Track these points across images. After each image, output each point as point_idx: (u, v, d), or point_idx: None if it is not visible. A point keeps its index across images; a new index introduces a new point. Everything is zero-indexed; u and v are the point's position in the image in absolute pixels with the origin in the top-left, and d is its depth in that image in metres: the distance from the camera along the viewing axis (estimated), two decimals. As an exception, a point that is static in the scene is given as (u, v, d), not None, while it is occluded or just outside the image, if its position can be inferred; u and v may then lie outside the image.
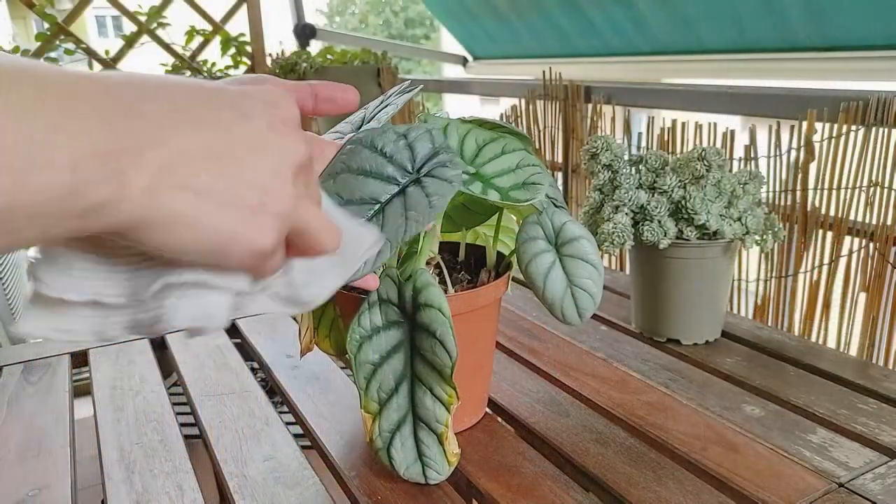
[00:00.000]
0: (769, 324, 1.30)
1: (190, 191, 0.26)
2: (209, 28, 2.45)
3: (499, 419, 0.68)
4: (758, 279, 1.30)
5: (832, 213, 1.17)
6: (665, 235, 0.74)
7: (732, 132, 1.28)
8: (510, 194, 0.54)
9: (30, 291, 0.31)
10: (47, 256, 0.30)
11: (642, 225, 0.75)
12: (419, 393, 0.54)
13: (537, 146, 1.85)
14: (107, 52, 2.34)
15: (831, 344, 1.17)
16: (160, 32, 2.38)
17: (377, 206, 0.47)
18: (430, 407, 0.54)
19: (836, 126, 1.12)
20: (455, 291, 0.60)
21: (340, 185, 0.47)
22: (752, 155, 1.25)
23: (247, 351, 0.88)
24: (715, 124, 1.31)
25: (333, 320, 0.67)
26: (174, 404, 0.74)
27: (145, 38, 2.36)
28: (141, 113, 0.25)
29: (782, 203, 1.23)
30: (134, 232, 0.26)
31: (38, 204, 0.22)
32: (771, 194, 1.24)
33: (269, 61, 2.60)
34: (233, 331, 0.93)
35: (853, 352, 1.17)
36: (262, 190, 0.28)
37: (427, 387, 0.54)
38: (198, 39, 2.44)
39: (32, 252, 0.30)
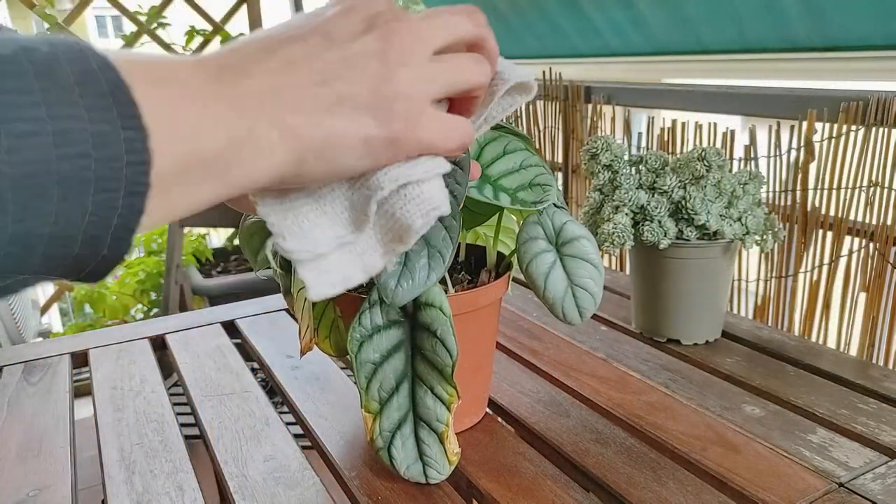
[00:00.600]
0: (769, 324, 1.30)
1: (315, 115, 0.30)
2: (209, 28, 2.45)
3: (499, 419, 0.68)
4: (758, 279, 1.30)
5: (832, 213, 1.17)
6: (665, 235, 0.74)
7: (732, 132, 1.28)
8: (518, 195, 0.54)
9: (298, 268, 0.35)
10: (282, 234, 0.34)
11: (642, 225, 0.75)
12: (420, 392, 0.54)
13: (537, 146, 1.85)
14: (107, 53, 2.34)
15: (831, 344, 1.17)
16: (160, 32, 2.38)
17: None
18: (431, 406, 0.54)
19: (836, 126, 1.12)
20: (455, 292, 0.60)
21: None
22: (752, 155, 1.25)
23: (247, 351, 0.88)
24: (715, 124, 1.31)
25: (333, 321, 0.67)
26: (174, 405, 0.74)
27: (145, 38, 2.36)
28: (251, 81, 0.30)
29: (782, 203, 1.23)
30: (301, 169, 0.31)
31: (222, 162, 0.28)
32: (771, 194, 1.24)
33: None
34: (233, 331, 0.93)
35: (853, 352, 1.17)
36: (370, 87, 0.32)
37: (428, 386, 0.54)
38: (198, 39, 2.44)
39: (276, 240, 0.34)
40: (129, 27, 2.37)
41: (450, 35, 0.35)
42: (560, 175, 1.81)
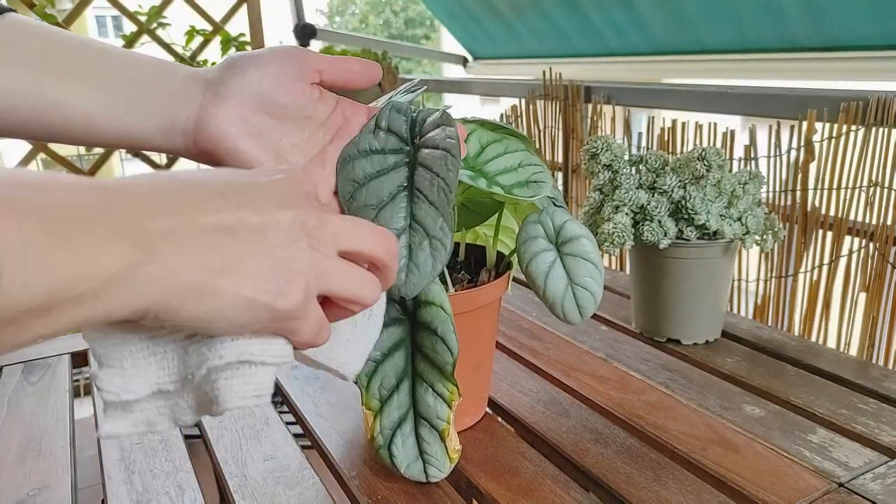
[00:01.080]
0: (769, 324, 1.30)
1: (213, 270, 0.30)
2: (209, 28, 2.45)
3: (499, 419, 0.68)
4: (758, 279, 1.30)
5: (832, 213, 1.17)
6: (665, 235, 0.74)
7: (732, 132, 1.28)
8: (513, 191, 0.54)
9: (100, 402, 0.34)
10: (102, 363, 0.33)
11: (642, 225, 0.75)
12: (420, 390, 0.54)
13: (537, 146, 1.85)
14: (107, 52, 2.34)
15: (831, 344, 1.17)
16: (160, 32, 2.38)
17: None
18: (432, 404, 0.54)
19: (836, 126, 1.12)
20: (455, 291, 0.60)
21: (352, 172, 0.47)
22: (752, 155, 1.25)
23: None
24: (715, 124, 1.31)
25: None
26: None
27: (145, 38, 2.36)
28: (157, 227, 0.29)
29: (782, 203, 1.23)
30: (181, 311, 0.30)
31: (80, 296, 0.26)
32: (771, 194, 1.24)
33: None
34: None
35: (853, 352, 1.17)
36: (275, 257, 0.32)
37: (428, 384, 0.54)
38: (198, 39, 2.44)
39: (92, 365, 0.34)
40: (129, 27, 2.37)
41: (362, 245, 0.36)
42: (560, 175, 1.81)
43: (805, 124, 1.16)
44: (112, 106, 0.45)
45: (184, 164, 2.52)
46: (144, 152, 2.43)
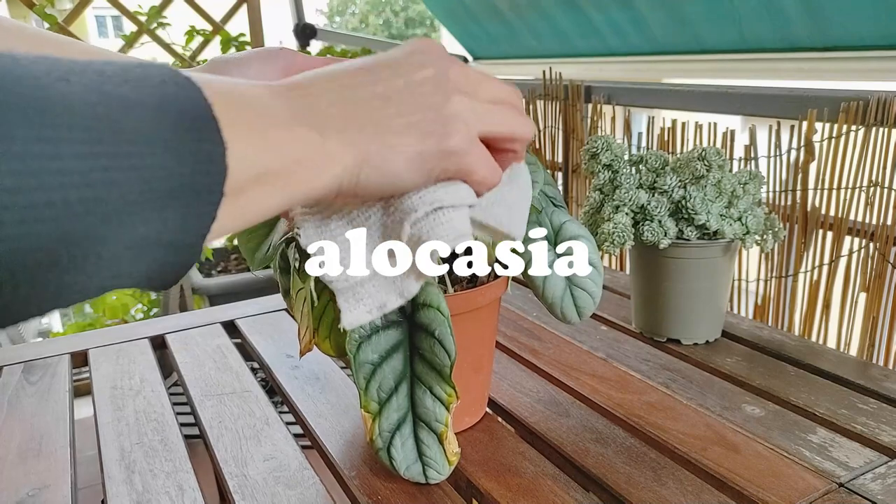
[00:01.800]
0: (769, 324, 1.30)
1: (377, 131, 0.34)
2: (209, 28, 2.45)
3: (499, 419, 0.68)
4: (758, 279, 1.30)
5: (832, 213, 1.17)
6: (665, 235, 0.74)
7: (732, 132, 1.28)
8: None
9: (336, 295, 0.39)
10: (320, 259, 0.38)
11: (642, 225, 0.75)
12: (419, 392, 0.54)
13: (537, 146, 1.85)
14: (107, 52, 2.34)
15: (831, 344, 1.17)
16: (160, 32, 2.38)
17: None
18: (430, 406, 0.54)
19: (836, 126, 1.12)
20: (454, 291, 0.60)
21: None
22: (752, 155, 1.25)
23: (247, 351, 0.88)
24: (715, 124, 1.31)
25: (333, 321, 0.67)
26: (174, 404, 0.74)
27: (145, 38, 2.36)
28: (318, 100, 0.33)
29: (782, 203, 1.23)
30: (358, 181, 0.34)
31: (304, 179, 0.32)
32: (771, 194, 1.24)
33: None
34: (233, 331, 0.93)
35: (853, 352, 1.17)
36: (429, 107, 0.36)
37: (427, 386, 0.54)
38: (198, 39, 2.44)
39: (316, 259, 0.39)
40: (130, 27, 2.37)
41: (499, 95, 0.40)
42: (560, 175, 1.81)
43: (805, 124, 1.16)
44: None
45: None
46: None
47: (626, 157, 0.81)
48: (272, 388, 0.80)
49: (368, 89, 0.35)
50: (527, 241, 0.58)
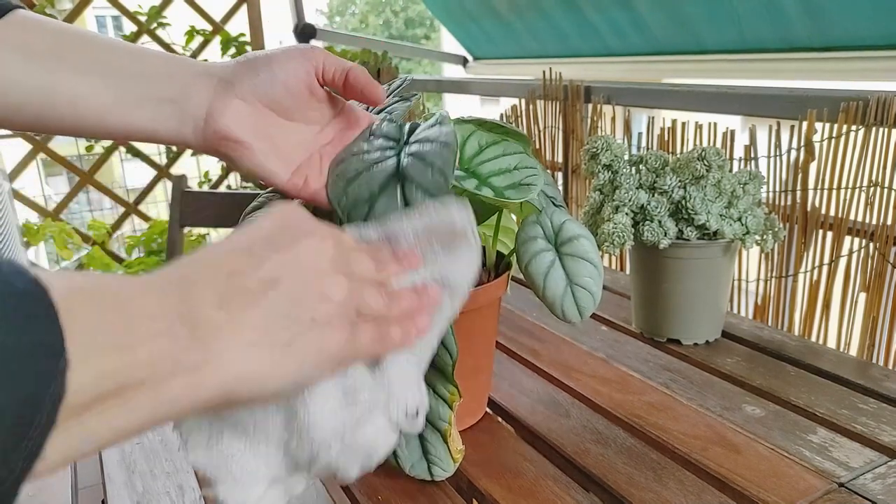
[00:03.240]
0: (769, 324, 1.30)
1: (255, 346, 0.30)
2: (209, 28, 2.45)
3: (499, 419, 0.68)
4: (758, 279, 1.30)
5: (832, 213, 1.17)
6: (665, 235, 0.74)
7: (732, 132, 1.28)
8: (505, 193, 0.54)
9: None
10: (217, 481, 0.35)
11: (642, 225, 0.75)
12: (420, 392, 0.54)
13: (537, 146, 1.85)
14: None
15: (831, 344, 1.17)
16: (160, 32, 2.38)
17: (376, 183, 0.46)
18: (433, 405, 0.54)
19: (836, 126, 1.12)
20: (455, 291, 0.60)
21: (343, 170, 0.47)
22: (752, 155, 1.25)
23: None
24: (715, 124, 1.31)
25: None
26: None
27: (145, 38, 2.36)
28: (199, 309, 0.30)
29: (782, 203, 1.23)
30: (242, 391, 0.31)
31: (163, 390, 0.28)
32: (771, 194, 1.24)
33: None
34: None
35: (853, 352, 1.17)
36: (314, 302, 0.33)
37: (429, 385, 0.54)
38: (198, 39, 2.44)
39: (211, 488, 0.35)
40: (129, 27, 2.37)
41: (366, 267, 0.38)
42: (560, 175, 1.81)
43: (805, 124, 1.16)
44: (123, 99, 0.46)
45: (184, 161, 2.52)
46: (144, 153, 2.43)
47: (626, 158, 0.81)
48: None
49: (255, 275, 0.32)
50: (526, 240, 0.57)
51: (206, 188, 2.56)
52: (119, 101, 0.45)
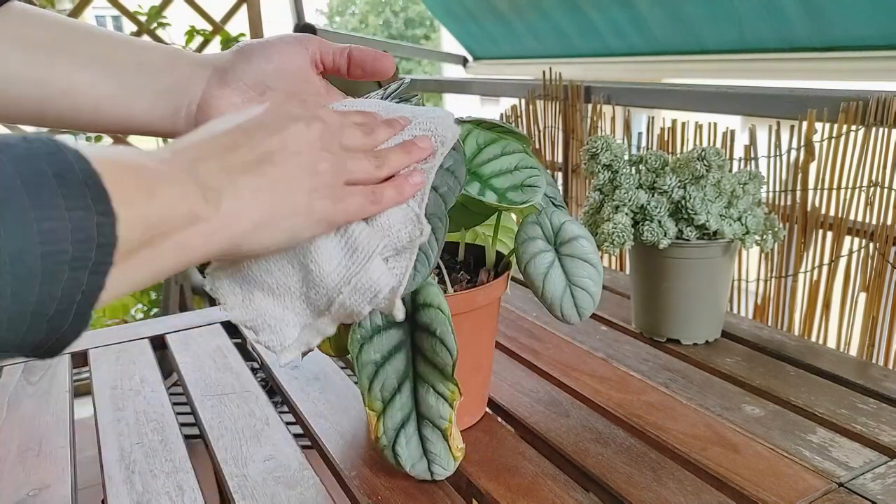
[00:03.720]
0: (769, 324, 1.30)
1: (253, 206, 0.36)
2: (209, 28, 2.45)
3: (499, 419, 0.68)
4: (758, 279, 1.30)
5: (832, 213, 1.17)
6: (665, 235, 0.74)
7: (732, 132, 1.28)
8: (507, 195, 0.54)
9: (268, 348, 0.45)
10: (256, 330, 0.44)
11: (642, 225, 0.75)
12: (422, 391, 0.54)
13: (537, 146, 1.85)
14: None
15: (831, 344, 1.17)
16: (160, 32, 2.38)
17: None
18: (434, 404, 0.54)
19: (836, 126, 1.12)
20: (454, 291, 0.60)
21: None
22: (752, 155, 1.25)
23: (247, 351, 0.88)
24: (715, 124, 1.31)
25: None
26: (174, 404, 0.74)
27: (145, 38, 2.36)
28: (206, 175, 0.35)
29: (782, 203, 1.23)
30: (245, 243, 0.37)
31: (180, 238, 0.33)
32: (771, 194, 1.24)
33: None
34: (233, 331, 0.93)
35: (853, 352, 1.17)
36: (298, 171, 0.38)
37: (429, 384, 0.54)
38: (198, 39, 2.44)
39: (250, 336, 0.45)
40: (130, 27, 2.37)
41: (357, 139, 0.44)
42: (560, 175, 1.81)
43: (805, 124, 1.16)
44: (121, 90, 0.46)
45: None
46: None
47: (626, 158, 0.81)
48: (272, 389, 0.80)
49: (250, 154, 0.37)
50: (526, 240, 0.58)
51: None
52: (117, 91, 0.46)
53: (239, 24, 2.52)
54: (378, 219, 0.44)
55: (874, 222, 1.10)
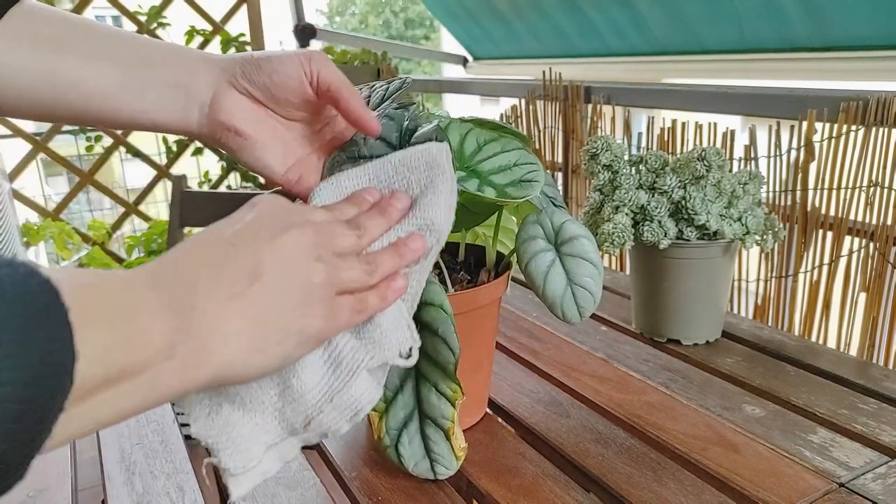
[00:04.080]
0: (769, 324, 1.30)
1: (241, 334, 0.33)
2: (209, 28, 2.45)
3: (499, 419, 0.68)
4: (758, 279, 1.30)
5: (832, 213, 1.17)
6: (665, 235, 0.74)
7: (732, 132, 1.28)
8: (506, 191, 0.54)
9: (224, 476, 0.39)
10: (218, 449, 0.38)
11: (642, 225, 0.75)
12: (424, 390, 0.54)
13: (537, 146, 1.85)
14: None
15: (831, 344, 1.17)
16: (160, 32, 2.38)
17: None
18: (436, 403, 0.54)
19: (836, 126, 1.12)
20: (455, 291, 0.60)
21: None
22: (752, 155, 1.25)
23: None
24: (715, 124, 1.30)
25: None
26: (174, 405, 0.74)
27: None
28: (188, 300, 0.32)
29: (782, 203, 1.23)
30: (230, 373, 0.34)
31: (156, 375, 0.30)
32: (771, 194, 1.24)
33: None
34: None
35: (853, 352, 1.17)
36: (295, 291, 0.36)
37: (431, 384, 0.54)
38: (198, 39, 2.44)
39: (212, 457, 0.39)
40: (130, 27, 2.37)
41: (346, 242, 0.41)
42: (560, 175, 1.81)
43: (805, 124, 1.16)
44: (129, 83, 0.46)
45: (184, 161, 2.52)
46: (144, 153, 2.43)
47: (626, 158, 0.81)
48: (272, 389, 0.79)
49: (241, 267, 0.34)
50: (526, 240, 0.58)
51: (206, 188, 2.56)
52: (125, 85, 0.46)
53: (239, 24, 2.52)
54: (367, 328, 0.41)
55: (874, 222, 1.10)
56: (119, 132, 2.30)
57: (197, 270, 0.33)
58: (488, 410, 0.68)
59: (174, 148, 2.44)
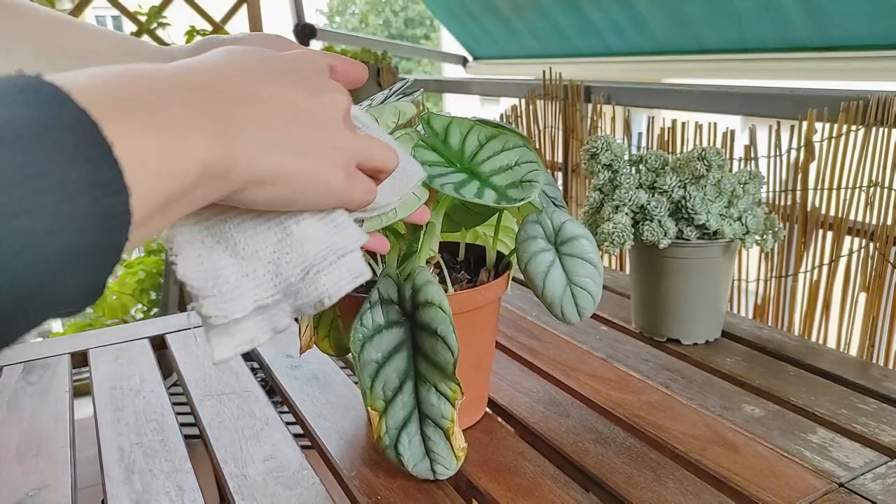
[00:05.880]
0: (769, 324, 1.30)
1: (277, 151, 0.33)
2: (209, 28, 2.45)
3: (499, 419, 0.68)
4: (758, 279, 1.30)
5: (832, 213, 1.17)
6: (665, 235, 0.74)
7: (732, 132, 1.28)
8: (507, 193, 0.54)
9: (205, 330, 0.37)
10: (201, 295, 0.35)
11: (642, 225, 0.75)
12: (423, 390, 0.54)
13: (537, 146, 1.85)
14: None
15: (831, 344, 1.17)
16: (160, 32, 2.38)
17: None
18: (435, 403, 0.54)
19: (836, 126, 1.12)
20: (455, 291, 0.60)
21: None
22: (752, 155, 1.25)
23: (247, 351, 0.88)
24: (715, 124, 1.31)
25: (333, 320, 0.67)
26: (174, 404, 0.74)
27: (145, 38, 2.36)
28: (228, 109, 0.32)
29: (782, 203, 1.23)
30: (248, 190, 0.33)
31: (180, 188, 0.29)
32: (771, 194, 1.24)
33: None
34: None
35: (853, 352, 1.17)
36: (326, 136, 0.36)
37: (431, 384, 0.54)
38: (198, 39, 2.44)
39: (193, 300, 0.36)
40: (130, 27, 2.37)
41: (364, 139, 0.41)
42: (560, 175, 1.81)
43: (805, 124, 1.16)
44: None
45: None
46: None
47: (626, 157, 0.81)
48: (272, 388, 0.80)
49: (278, 99, 0.34)
50: (526, 240, 0.58)
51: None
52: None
53: (239, 24, 2.52)
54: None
55: (874, 222, 1.10)
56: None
57: (231, 82, 0.33)
58: (488, 410, 0.68)
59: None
